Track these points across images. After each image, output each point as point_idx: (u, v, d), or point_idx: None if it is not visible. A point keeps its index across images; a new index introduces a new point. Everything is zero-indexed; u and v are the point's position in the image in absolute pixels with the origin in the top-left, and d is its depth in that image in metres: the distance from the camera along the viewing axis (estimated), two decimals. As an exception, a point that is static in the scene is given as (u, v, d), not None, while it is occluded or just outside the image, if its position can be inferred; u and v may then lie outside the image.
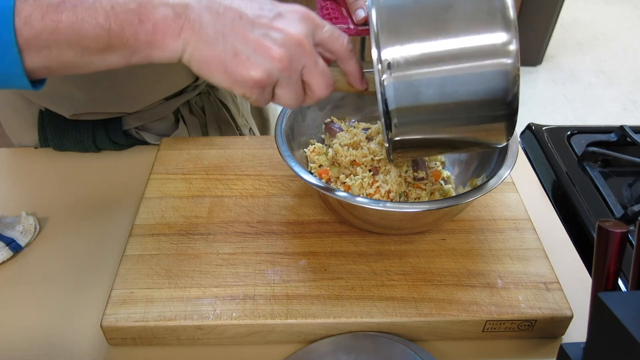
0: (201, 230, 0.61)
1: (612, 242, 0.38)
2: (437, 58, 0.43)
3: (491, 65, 0.42)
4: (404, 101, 0.44)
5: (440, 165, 0.66)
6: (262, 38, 0.42)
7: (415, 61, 0.43)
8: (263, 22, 0.42)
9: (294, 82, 0.45)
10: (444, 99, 0.44)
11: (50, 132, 0.76)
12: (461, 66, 0.43)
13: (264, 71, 0.42)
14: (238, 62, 0.42)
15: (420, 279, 0.56)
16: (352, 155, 0.61)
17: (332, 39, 0.46)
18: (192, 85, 0.80)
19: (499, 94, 0.43)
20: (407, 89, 0.43)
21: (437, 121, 0.46)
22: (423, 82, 0.43)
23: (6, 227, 0.62)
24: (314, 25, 0.45)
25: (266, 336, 0.53)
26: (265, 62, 0.42)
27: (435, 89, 0.43)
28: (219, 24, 0.41)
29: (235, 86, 0.43)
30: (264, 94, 0.44)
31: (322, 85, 0.46)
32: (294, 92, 0.45)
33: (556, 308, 0.53)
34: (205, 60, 0.42)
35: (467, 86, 0.43)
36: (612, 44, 2.92)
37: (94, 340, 0.53)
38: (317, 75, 0.45)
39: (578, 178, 0.76)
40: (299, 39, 0.43)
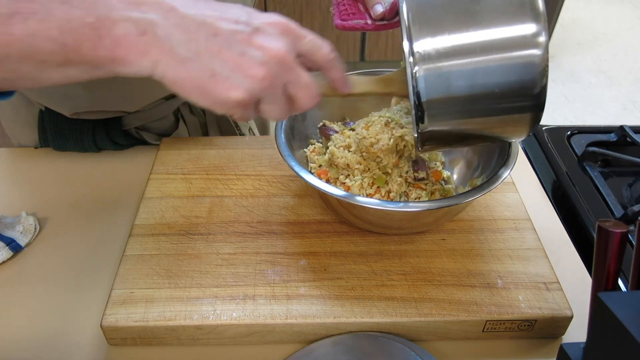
0: (201, 230, 0.61)
1: (612, 242, 0.38)
2: (467, 50, 0.43)
3: (521, 56, 0.43)
4: (435, 93, 0.44)
5: (440, 165, 0.66)
6: (241, 56, 0.40)
7: (446, 53, 0.43)
8: (240, 38, 0.40)
9: (277, 98, 0.43)
10: (474, 90, 0.44)
11: (50, 132, 0.76)
12: (491, 57, 0.43)
13: (244, 91, 0.40)
14: (216, 83, 0.40)
15: (420, 279, 0.56)
16: (346, 157, 0.61)
17: (314, 49, 0.45)
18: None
19: (528, 85, 0.44)
20: (439, 81, 0.44)
21: (466, 112, 0.46)
22: (454, 74, 0.43)
23: (6, 227, 0.62)
24: (295, 37, 0.43)
25: (266, 336, 0.53)
26: (245, 82, 0.40)
27: (466, 81, 0.44)
28: (192, 43, 0.39)
29: (215, 106, 0.41)
30: (246, 112, 0.43)
31: (307, 98, 0.45)
32: (279, 107, 0.44)
33: (556, 308, 0.53)
34: (180, 81, 0.40)
35: (497, 77, 0.43)
36: (612, 44, 2.92)
37: (94, 340, 0.53)
38: (301, 89, 0.44)
39: (578, 178, 0.76)
40: (280, 56, 0.41)
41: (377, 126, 0.60)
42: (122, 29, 0.38)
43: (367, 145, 0.60)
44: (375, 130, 0.60)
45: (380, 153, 0.60)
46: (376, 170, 0.61)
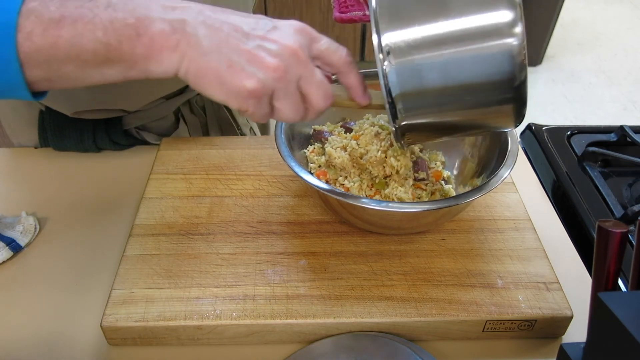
0: (201, 230, 0.61)
1: (612, 242, 0.38)
2: (439, 41, 0.42)
3: (494, 46, 0.42)
4: (407, 86, 0.43)
5: (440, 166, 0.66)
6: (256, 49, 0.42)
7: (416, 45, 0.42)
8: (258, 34, 0.43)
9: (290, 93, 0.44)
10: (448, 82, 0.43)
11: (51, 131, 0.76)
12: (464, 48, 0.42)
13: (257, 81, 0.42)
14: (232, 73, 0.42)
15: (420, 279, 0.56)
16: (343, 158, 0.61)
17: (330, 51, 0.46)
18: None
19: (504, 76, 0.42)
20: (410, 74, 0.43)
21: (443, 105, 0.45)
22: (426, 66, 0.43)
23: (6, 227, 0.62)
24: (310, 38, 0.45)
25: (266, 336, 0.53)
26: (259, 72, 0.42)
27: (439, 73, 0.43)
28: (214, 37, 0.42)
29: (230, 98, 0.43)
30: (260, 106, 0.44)
31: (320, 96, 0.45)
32: (292, 104, 0.45)
33: (556, 308, 0.53)
34: (200, 72, 0.42)
35: (471, 68, 0.42)
36: (612, 44, 2.92)
37: (94, 340, 0.53)
38: (314, 86, 0.45)
39: (578, 178, 0.76)
40: (293, 49, 0.43)
41: (366, 137, 0.60)
42: (158, 27, 0.41)
43: (357, 156, 0.60)
44: (364, 141, 0.60)
45: (368, 165, 0.60)
46: (371, 177, 0.61)
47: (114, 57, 0.41)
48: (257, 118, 0.45)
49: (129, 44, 0.41)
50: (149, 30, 0.41)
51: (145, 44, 0.41)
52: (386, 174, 0.60)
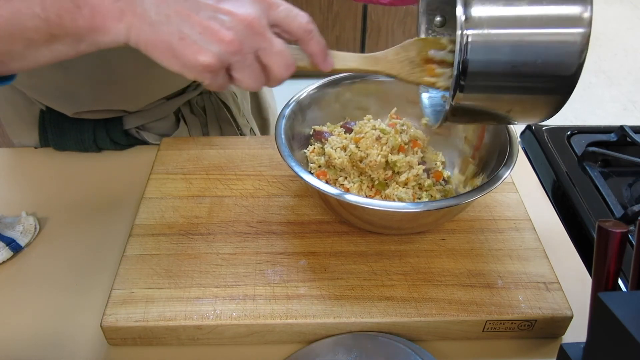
0: (201, 230, 0.61)
1: (612, 242, 0.38)
2: (517, 22, 0.43)
3: (568, 34, 0.43)
4: (480, 65, 0.43)
5: (440, 166, 0.66)
6: (209, 20, 0.40)
7: (498, 23, 0.42)
8: (209, 3, 0.41)
9: (248, 64, 0.43)
10: (518, 64, 0.44)
11: (51, 131, 0.76)
12: (539, 32, 0.43)
13: (212, 55, 0.41)
14: (185, 46, 0.40)
15: (420, 279, 0.56)
16: (343, 158, 0.61)
17: (289, 19, 0.44)
18: (194, 85, 0.80)
19: (569, 64, 0.44)
20: (486, 51, 0.43)
21: (503, 89, 0.45)
22: (502, 44, 0.43)
23: (6, 227, 0.62)
24: (267, 5, 0.43)
25: (266, 336, 0.53)
26: (213, 46, 0.40)
27: (512, 52, 0.43)
28: (162, 6, 0.40)
29: (184, 70, 0.42)
30: (216, 78, 0.43)
31: (281, 67, 0.44)
32: (252, 75, 0.44)
33: (556, 308, 0.53)
34: (151, 44, 0.41)
35: (543, 52, 0.43)
36: (612, 44, 2.92)
37: (94, 340, 0.53)
38: (273, 56, 0.43)
39: (578, 178, 0.76)
40: (248, 21, 0.41)
41: (367, 140, 0.60)
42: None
43: (357, 160, 0.60)
44: (365, 145, 0.60)
45: (368, 169, 0.60)
46: (371, 179, 0.61)
47: (58, 32, 0.40)
48: (215, 88, 0.44)
49: (69, 17, 0.39)
50: (88, 1, 0.39)
51: (86, 16, 0.40)
52: (386, 177, 0.60)
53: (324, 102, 0.68)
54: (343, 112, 0.70)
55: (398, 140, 0.60)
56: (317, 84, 0.67)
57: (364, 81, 0.69)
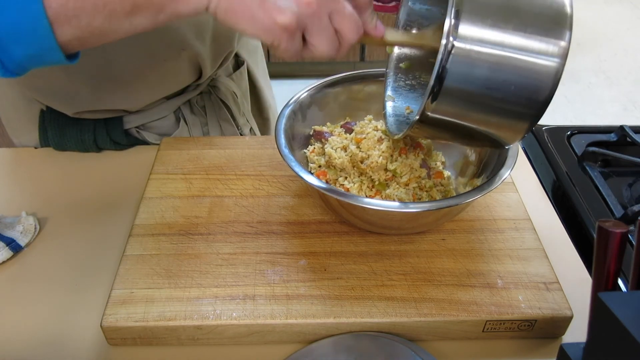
0: (201, 230, 0.61)
1: (612, 242, 0.38)
2: (500, 45, 0.44)
3: (542, 64, 0.45)
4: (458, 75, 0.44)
5: (440, 166, 0.66)
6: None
7: (483, 40, 0.44)
8: None
9: (324, 27, 0.44)
10: (490, 86, 0.45)
11: (51, 131, 0.76)
12: (518, 57, 0.44)
13: (291, 15, 0.42)
14: (265, 8, 0.42)
15: (420, 279, 0.56)
16: (343, 158, 0.61)
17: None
18: (194, 85, 0.80)
19: (539, 93, 0.46)
20: (466, 63, 0.44)
21: (472, 109, 0.47)
22: (482, 61, 0.44)
23: (6, 227, 0.62)
24: None
25: (266, 336, 0.53)
26: (292, 6, 0.42)
27: (490, 71, 0.44)
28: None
29: (262, 33, 0.43)
30: (293, 41, 0.44)
31: (352, 29, 0.45)
32: (327, 38, 0.45)
33: (556, 308, 0.53)
34: (231, 8, 0.42)
35: (516, 78, 0.45)
36: (612, 44, 2.91)
37: (94, 340, 0.53)
38: (345, 19, 0.45)
39: (578, 178, 0.76)
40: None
41: (369, 141, 0.60)
42: None
43: (358, 160, 0.60)
44: (366, 146, 0.60)
45: (368, 170, 0.60)
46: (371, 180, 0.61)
47: (141, 2, 0.41)
48: (291, 54, 0.45)
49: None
50: None
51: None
52: (387, 178, 0.60)
53: (324, 102, 0.68)
54: (343, 112, 0.70)
55: (400, 143, 0.60)
56: (317, 83, 0.67)
57: (364, 81, 0.69)
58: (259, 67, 0.96)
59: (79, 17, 0.40)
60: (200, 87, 0.81)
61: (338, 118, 0.70)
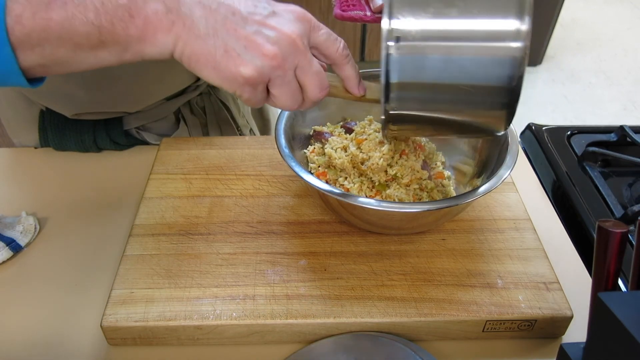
0: (201, 230, 0.61)
1: (612, 242, 0.38)
2: (447, 35, 0.42)
3: (499, 49, 0.42)
4: (406, 75, 0.43)
5: (440, 166, 0.66)
6: (254, 34, 0.41)
7: (424, 35, 0.42)
8: (256, 19, 0.42)
9: (288, 81, 0.44)
10: (446, 77, 0.43)
11: (51, 131, 0.76)
12: (470, 45, 0.42)
13: (254, 68, 0.42)
14: (228, 59, 0.41)
15: (420, 279, 0.56)
16: (343, 159, 0.61)
17: (328, 43, 0.45)
18: (194, 86, 0.80)
19: (503, 80, 0.43)
20: (412, 63, 0.43)
21: (437, 101, 0.45)
22: (429, 58, 0.43)
23: (6, 227, 0.62)
24: (310, 27, 0.44)
25: (266, 336, 0.53)
26: (256, 60, 0.41)
27: (440, 66, 0.43)
28: (210, 19, 0.41)
29: (225, 83, 0.43)
30: (255, 92, 0.44)
31: (317, 86, 0.45)
32: (289, 92, 0.45)
33: (556, 308, 0.53)
34: (195, 55, 0.42)
35: (472, 67, 0.43)
36: (612, 44, 2.91)
37: (94, 340, 0.53)
38: (310, 75, 0.44)
39: (578, 178, 0.76)
40: (292, 38, 0.42)
41: (370, 143, 0.60)
42: (152, 8, 0.40)
43: (358, 162, 0.60)
44: (367, 147, 0.60)
45: (369, 171, 0.60)
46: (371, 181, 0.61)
47: (107, 39, 0.40)
48: (253, 104, 0.45)
49: (121, 26, 0.40)
50: (143, 10, 0.40)
51: (138, 25, 0.40)
52: (387, 179, 0.60)
53: (324, 102, 0.68)
54: (343, 112, 0.70)
55: (401, 145, 0.60)
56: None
57: (365, 80, 0.69)
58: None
59: (43, 47, 0.39)
60: (200, 88, 0.81)
61: (338, 118, 0.70)
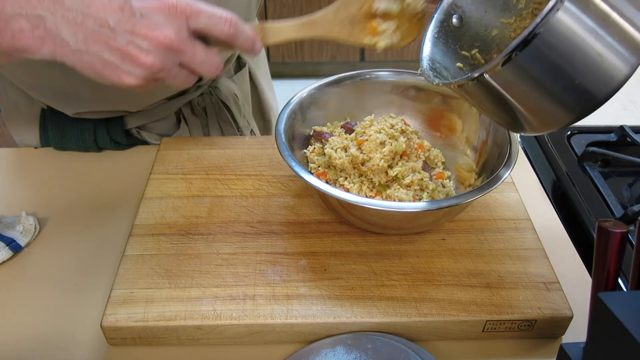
0: (201, 230, 0.61)
1: (612, 242, 0.38)
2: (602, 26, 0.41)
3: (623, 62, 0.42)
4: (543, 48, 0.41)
5: (441, 166, 0.66)
6: (127, 46, 0.41)
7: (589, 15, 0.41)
8: (126, 27, 0.41)
9: (174, 75, 0.44)
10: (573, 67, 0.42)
11: (52, 130, 0.76)
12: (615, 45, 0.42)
13: (137, 78, 0.42)
14: (109, 70, 0.42)
15: (420, 279, 0.56)
16: (344, 159, 0.61)
17: (210, 26, 0.44)
18: (195, 86, 0.80)
19: (601, 89, 0.43)
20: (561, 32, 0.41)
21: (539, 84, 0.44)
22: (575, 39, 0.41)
23: (6, 227, 0.62)
24: (185, 17, 0.43)
25: (266, 336, 0.53)
26: (136, 70, 0.42)
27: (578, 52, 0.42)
28: (79, 34, 0.41)
29: (117, 86, 0.44)
30: (149, 87, 0.44)
31: (209, 71, 0.45)
32: (181, 80, 0.45)
33: (556, 308, 0.53)
34: (78, 66, 0.43)
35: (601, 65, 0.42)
36: (612, 44, 2.91)
37: (94, 340, 0.53)
38: (197, 65, 0.45)
39: (578, 178, 0.76)
40: (165, 43, 0.42)
41: (371, 144, 0.60)
42: (16, 25, 0.41)
43: (359, 162, 0.60)
44: (368, 148, 0.60)
45: (369, 172, 0.60)
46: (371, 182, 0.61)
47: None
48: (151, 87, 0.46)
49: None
50: (8, 27, 0.41)
51: (9, 40, 0.41)
52: (387, 180, 0.60)
53: (324, 102, 0.68)
54: (343, 112, 0.70)
55: (402, 146, 0.60)
56: (318, 83, 0.67)
57: (365, 81, 0.69)
58: (261, 69, 0.96)
59: None
60: (202, 89, 0.81)
61: (338, 118, 0.70)
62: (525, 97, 0.45)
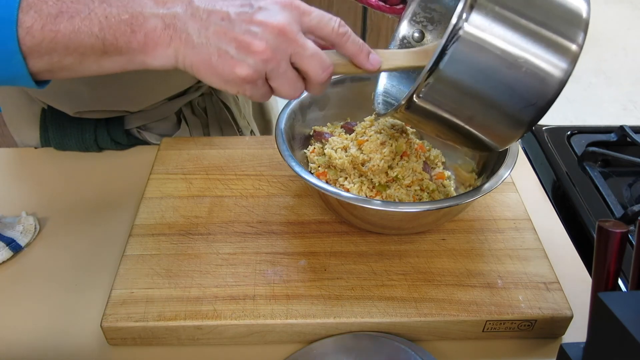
0: (201, 230, 0.61)
1: (612, 242, 0.38)
2: (512, 38, 0.42)
3: (547, 71, 0.43)
4: (456, 65, 0.42)
5: (441, 166, 0.66)
6: (243, 34, 0.42)
7: (493, 31, 0.42)
8: (244, 18, 0.43)
9: (282, 71, 0.44)
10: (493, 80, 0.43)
11: (52, 130, 0.76)
12: (529, 56, 0.43)
13: (248, 67, 0.43)
14: (224, 62, 0.43)
15: (420, 279, 0.56)
16: (344, 159, 0.61)
17: (321, 24, 0.45)
18: (195, 86, 0.80)
19: (541, 96, 0.44)
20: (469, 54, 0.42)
21: (467, 100, 0.45)
22: (486, 53, 0.42)
23: (6, 227, 0.62)
24: (299, 13, 0.44)
25: (266, 336, 0.53)
26: (248, 58, 0.42)
27: (493, 65, 0.43)
28: (202, 29, 0.43)
29: (227, 86, 0.44)
30: (257, 89, 0.45)
31: (317, 69, 0.45)
32: (288, 82, 0.45)
33: (556, 308, 0.53)
34: (195, 65, 0.43)
35: (523, 77, 0.43)
36: (612, 44, 2.91)
37: (94, 340, 0.53)
38: (307, 59, 0.44)
39: (578, 178, 0.76)
40: (279, 28, 0.43)
41: (371, 144, 0.60)
42: (151, 24, 0.42)
43: (359, 163, 0.60)
44: (369, 148, 0.60)
45: (370, 172, 0.60)
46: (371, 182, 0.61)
47: (111, 51, 0.43)
48: (258, 99, 0.46)
49: (124, 40, 0.42)
50: (143, 27, 0.42)
51: (139, 40, 0.42)
52: (387, 180, 0.60)
53: (324, 102, 0.68)
54: (343, 112, 0.70)
55: (403, 147, 0.60)
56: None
57: (365, 81, 0.69)
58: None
59: (51, 55, 0.42)
60: (202, 89, 0.81)
61: (338, 118, 0.70)
62: (464, 112, 0.46)
